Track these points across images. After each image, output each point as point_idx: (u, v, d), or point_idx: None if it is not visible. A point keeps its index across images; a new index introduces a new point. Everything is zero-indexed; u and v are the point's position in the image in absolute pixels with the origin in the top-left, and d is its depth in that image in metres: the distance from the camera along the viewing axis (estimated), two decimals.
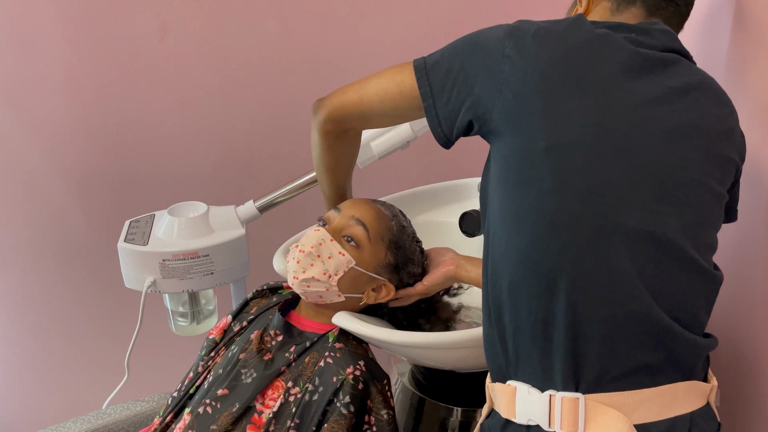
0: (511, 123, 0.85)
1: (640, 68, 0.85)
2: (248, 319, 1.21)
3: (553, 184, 0.82)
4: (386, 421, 1.06)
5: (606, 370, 0.82)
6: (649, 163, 0.83)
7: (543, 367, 0.85)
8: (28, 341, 1.95)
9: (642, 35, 0.89)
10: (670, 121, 0.84)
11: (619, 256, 0.81)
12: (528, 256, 0.84)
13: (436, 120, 0.93)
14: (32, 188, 1.77)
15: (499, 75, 0.86)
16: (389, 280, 1.14)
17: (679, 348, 0.85)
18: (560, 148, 0.82)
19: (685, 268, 0.84)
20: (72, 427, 1.35)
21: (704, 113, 0.87)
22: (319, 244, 1.08)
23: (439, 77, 0.92)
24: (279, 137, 1.82)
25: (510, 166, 0.86)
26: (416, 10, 1.75)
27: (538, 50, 0.85)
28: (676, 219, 0.83)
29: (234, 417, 1.04)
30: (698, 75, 0.90)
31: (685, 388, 0.85)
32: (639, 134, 0.83)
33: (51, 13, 1.61)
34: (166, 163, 1.80)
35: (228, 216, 1.45)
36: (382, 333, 1.07)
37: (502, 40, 0.87)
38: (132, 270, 1.40)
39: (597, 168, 0.82)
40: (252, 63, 1.74)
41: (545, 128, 0.83)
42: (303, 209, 1.70)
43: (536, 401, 0.84)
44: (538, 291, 0.83)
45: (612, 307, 0.82)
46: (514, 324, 0.86)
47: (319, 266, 1.08)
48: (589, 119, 0.82)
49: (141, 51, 1.68)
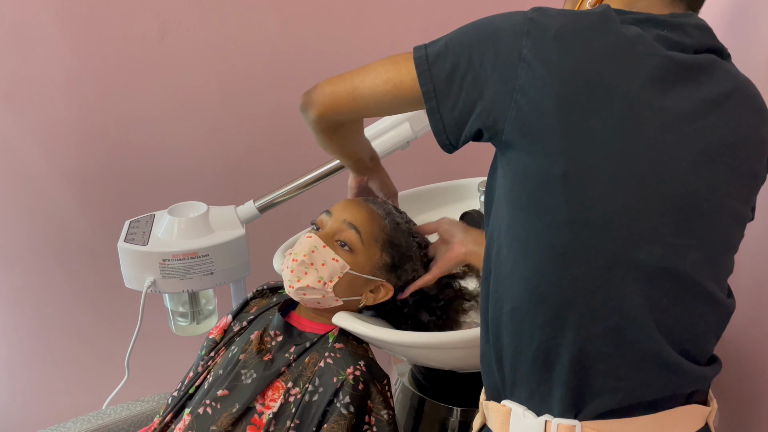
0: (525, 138, 0.76)
1: (672, 78, 0.76)
2: (248, 319, 1.20)
3: (569, 215, 0.75)
4: (386, 422, 1.06)
5: (609, 404, 0.79)
6: (674, 194, 0.76)
7: (540, 393, 0.81)
8: (28, 341, 1.95)
9: (676, 33, 0.79)
10: (700, 141, 0.77)
11: (633, 293, 0.76)
12: (535, 286, 0.78)
13: (440, 125, 0.83)
14: (32, 188, 1.77)
15: (514, 80, 0.76)
16: (387, 280, 1.13)
17: (685, 382, 0.82)
18: (579, 175, 0.74)
19: (700, 301, 0.80)
20: (72, 427, 1.35)
21: (737, 127, 0.79)
22: (312, 252, 1.07)
23: (443, 74, 0.81)
24: (279, 137, 1.82)
25: (522, 187, 0.78)
26: (416, 10, 1.75)
27: (560, 55, 0.75)
28: (697, 252, 0.78)
29: (234, 417, 1.04)
30: (734, 79, 0.81)
31: (683, 412, 0.82)
32: (666, 161, 0.75)
33: (51, 13, 1.61)
34: (166, 163, 1.80)
35: (228, 216, 1.45)
36: (382, 333, 1.07)
37: (517, 37, 0.76)
38: (132, 270, 1.40)
39: (618, 199, 0.75)
40: (252, 63, 1.74)
41: (564, 150, 0.74)
42: (303, 209, 1.69)
43: (531, 425, 0.81)
44: (543, 322, 0.79)
45: (621, 345, 0.78)
46: (513, 348, 0.82)
47: (313, 274, 1.07)
48: (614, 144, 0.74)
49: (141, 51, 1.68)
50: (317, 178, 1.41)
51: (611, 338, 0.77)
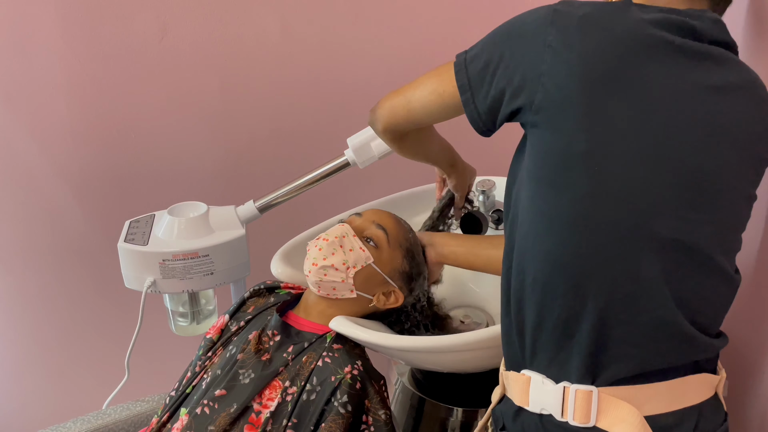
0: (550, 118, 0.82)
1: (686, 64, 0.82)
2: (246, 319, 1.21)
3: (589, 189, 0.81)
4: (384, 422, 1.06)
5: (626, 371, 0.84)
6: (686, 170, 0.81)
7: (559, 361, 0.86)
8: (28, 341, 1.95)
9: (693, 22, 0.84)
10: (711, 123, 0.82)
11: (649, 263, 0.81)
12: (557, 258, 0.83)
13: (475, 113, 0.91)
14: (32, 188, 1.77)
15: (540, 65, 0.82)
16: (400, 288, 1.17)
17: (697, 351, 0.86)
18: (599, 152, 0.80)
19: (711, 274, 0.84)
20: (72, 427, 1.35)
21: (744, 112, 0.84)
22: (343, 237, 1.13)
23: (477, 70, 0.89)
24: (279, 137, 1.82)
25: (545, 164, 0.83)
26: (416, 10, 1.75)
27: (583, 40, 0.80)
28: (708, 226, 0.82)
29: (232, 417, 1.04)
30: (743, 72, 0.87)
31: (694, 380, 0.86)
32: (679, 139, 0.81)
33: (51, 13, 1.61)
34: (166, 163, 1.80)
35: (228, 216, 1.45)
36: (380, 338, 1.09)
37: (544, 27, 0.83)
38: (132, 270, 1.40)
39: (635, 175, 0.80)
40: (252, 63, 1.74)
41: (585, 129, 0.80)
42: (303, 209, 1.70)
43: (550, 392, 0.86)
44: (565, 291, 0.83)
45: (637, 313, 0.82)
46: (534, 318, 0.87)
47: (340, 256, 1.11)
48: (631, 123, 0.80)
49: (141, 51, 1.68)
50: (317, 178, 1.41)
51: (628, 306, 0.82)
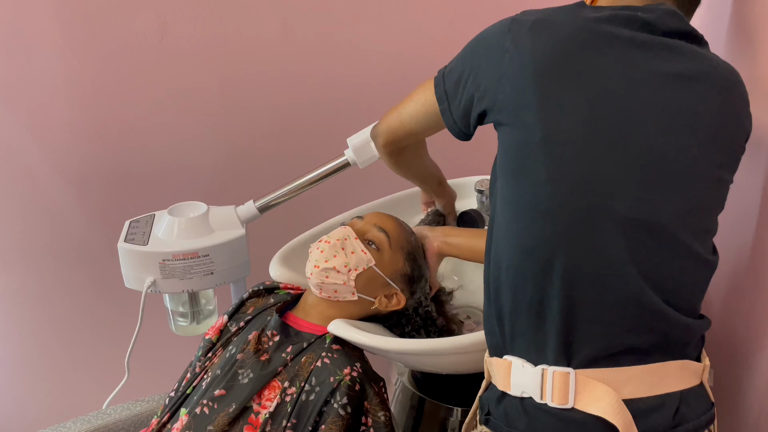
0: (510, 114, 0.89)
1: (638, 54, 0.86)
2: (245, 320, 1.21)
3: (548, 175, 0.85)
4: (383, 423, 1.06)
5: (597, 350, 0.86)
6: (641, 153, 0.85)
7: (536, 344, 0.88)
8: (28, 341, 1.95)
9: (646, 16, 0.88)
10: (666, 108, 0.86)
11: (612, 242, 0.84)
12: (525, 242, 0.88)
13: (451, 120, 1.00)
14: (32, 188, 1.77)
15: (500, 69, 0.89)
16: (402, 291, 1.17)
17: (671, 330, 0.88)
18: (554, 139, 0.85)
19: (678, 253, 0.86)
20: (72, 427, 1.35)
21: (707, 99, 0.87)
22: (345, 239, 1.14)
23: (452, 82, 0.98)
24: (279, 137, 1.82)
25: (509, 156, 0.90)
26: (416, 9, 1.75)
27: (535, 42, 0.88)
28: (669, 206, 0.85)
29: (231, 417, 1.05)
30: (706, 61, 0.90)
31: (676, 366, 0.88)
32: (632, 124, 0.85)
33: (51, 13, 1.61)
34: (166, 163, 1.80)
35: (228, 216, 1.45)
36: (378, 341, 1.09)
37: (503, 35, 0.91)
38: (132, 270, 1.40)
39: (589, 159, 0.85)
40: (252, 63, 1.74)
41: (541, 120, 0.86)
42: (303, 209, 1.70)
43: (529, 374, 0.88)
44: (534, 274, 0.87)
45: (604, 291, 0.85)
46: (511, 304, 0.90)
47: (342, 258, 1.12)
48: (583, 111, 0.85)
49: (141, 51, 1.68)
50: (317, 178, 1.41)
51: (594, 286, 0.85)
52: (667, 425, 0.86)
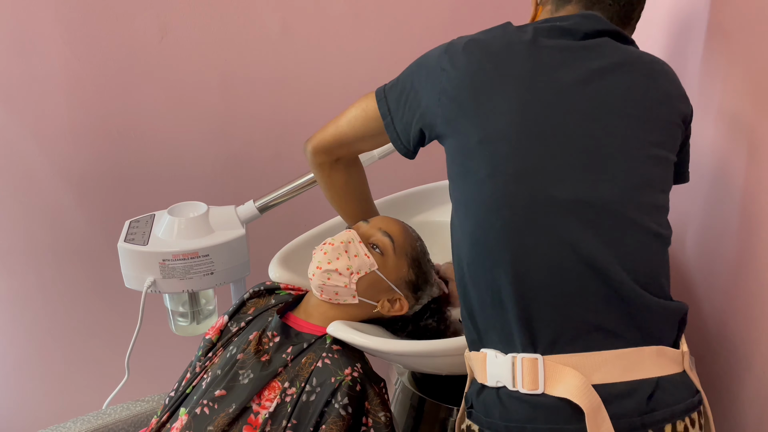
0: (451, 125, 0.96)
1: (560, 58, 0.94)
2: (246, 320, 1.21)
3: (488, 172, 0.91)
4: (384, 423, 1.06)
5: (560, 333, 0.88)
6: (573, 140, 0.90)
7: (505, 334, 0.92)
8: (28, 341, 1.96)
9: (565, 24, 0.97)
10: (594, 98, 0.92)
11: (558, 225, 0.88)
12: (476, 238, 0.93)
13: (395, 134, 1.06)
14: (32, 188, 1.77)
15: (438, 85, 0.97)
16: (406, 297, 1.17)
17: (635, 309, 0.89)
18: (490, 139, 0.92)
19: (629, 229, 0.90)
20: (72, 427, 1.35)
21: (632, 85, 0.94)
22: (348, 242, 1.15)
23: (394, 98, 1.05)
24: (279, 137, 1.82)
25: (454, 161, 0.97)
26: (416, 9, 1.75)
27: (468, 59, 0.96)
28: (609, 184, 0.90)
29: (231, 418, 1.04)
30: (627, 53, 0.96)
31: (651, 352, 0.89)
32: (562, 116, 0.91)
33: (51, 13, 1.61)
34: (166, 163, 1.80)
35: (228, 216, 1.45)
36: (376, 342, 1.09)
37: (440, 57, 0.99)
38: (132, 270, 1.40)
39: (524, 152, 0.90)
40: (252, 63, 1.74)
41: (477, 124, 0.93)
42: (303, 209, 1.70)
43: (501, 364, 0.91)
44: (488, 267, 0.91)
45: (557, 274, 0.88)
46: (476, 298, 0.94)
47: (344, 261, 1.13)
48: (513, 110, 0.92)
49: (141, 51, 1.68)
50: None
51: (547, 268, 0.89)
52: (639, 410, 0.86)
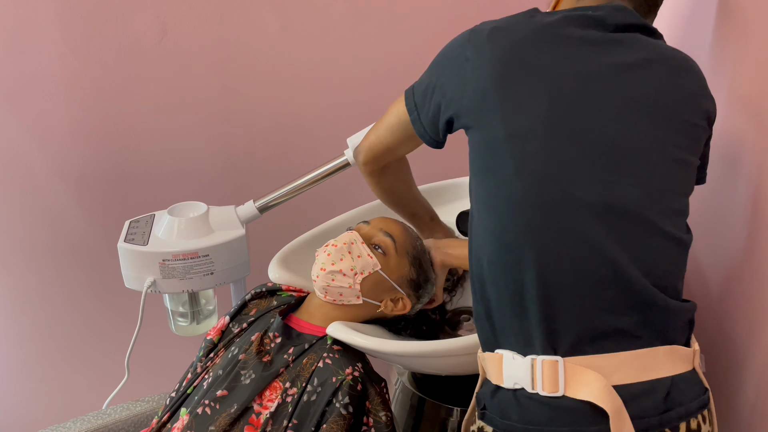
0: (475, 117, 0.94)
1: (589, 51, 0.92)
2: (248, 321, 1.21)
3: (514, 170, 0.89)
4: (384, 423, 1.06)
5: (581, 335, 0.87)
6: (600, 141, 0.89)
7: (524, 335, 0.90)
8: (27, 341, 1.95)
9: (594, 14, 0.94)
10: (621, 97, 0.90)
11: (582, 228, 0.87)
12: (499, 236, 0.91)
13: (422, 129, 1.05)
14: (32, 188, 1.77)
15: (463, 76, 0.95)
16: (408, 296, 1.18)
17: (654, 311, 0.89)
18: (517, 136, 0.90)
19: (651, 233, 0.89)
20: (72, 427, 1.35)
21: (660, 84, 0.92)
22: (351, 243, 1.15)
23: (420, 93, 1.04)
24: (279, 137, 1.82)
25: (478, 156, 0.94)
26: (417, 9, 1.75)
27: (492, 48, 0.93)
28: (634, 188, 0.88)
29: (232, 418, 1.05)
30: (656, 49, 0.94)
31: (665, 352, 0.89)
32: (589, 114, 0.89)
33: (51, 13, 1.61)
34: (166, 163, 1.80)
35: (228, 216, 1.45)
36: (376, 343, 1.09)
37: (463, 46, 0.96)
38: (132, 270, 1.40)
39: (551, 151, 0.89)
40: (252, 63, 1.74)
41: (503, 119, 0.91)
42: (303, 209, 1.70)
43: (520, 366, 0.90)
44: (510, 266, 0.90)
45: (580, 276, 0.87)
46: (495, 298, 0.93)
47: (348, 261, 1.13)
48: (542, 107, 0.89)
49: (141, 51, 1.68)
50: (317, 178, 1.41)
51: (570, 270, 0.87)
52: (657, 410, 0.87)
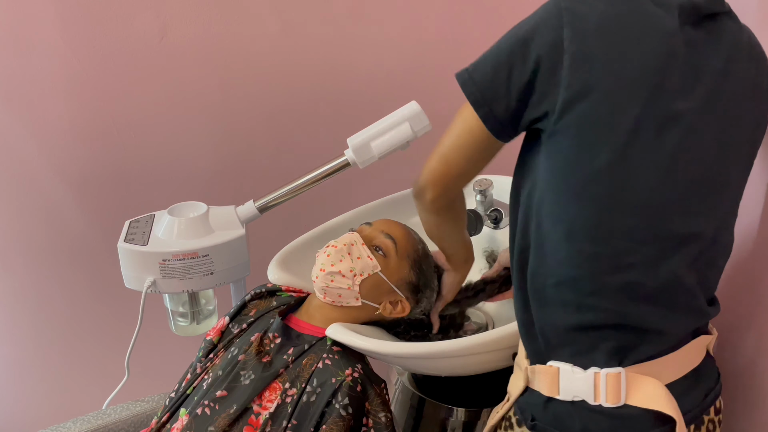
0: (572, 128, 0.82)
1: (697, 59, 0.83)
2: (248, 322, 1.21)
3: (613, 201, 0.84)
4: (384, 424, 1.06)
5: (650, 352, 0.89)
6: (697, 175, 0.86)
7: (587, 351, 0.89)
8: (28, 341, 1.95)
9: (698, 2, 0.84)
10: (719, 125, 0.86)
11: (673, 259, 0.86)
12: (580, 263, 0.86)
13: (498, 127, 0.88)
14: (32, 188, 1.77)
15: (559, 73, 0.80)
16: (407, 299, 1.17)
17: (700, 320, 0.94)
18: (621, 165, 0.82)
19: (719, 251, 0.93)
20: (72, 427, 1.35)
21: (742, 92, 0.87)
22: (351, 244, 1.15)
23: (486, 79, 0.85)
24: (279, 137, 1.82)
25: (570, 176, 0.84)
26: (417, 8, 1.74)
27: (604, 49, 0.80)
28: (715, 213, 0.89)
29: (231, 418, 1.05)
30: (734, 41, 0.87)
31: (695, 344, 0.93)
32: (691, 152, 0.85)
33: (51, 13, 1.61)
34: (166, 163, 1.80)
35: (228, 216, 1.45)
36: (375, 344, 1.09)
37: (557, 31, 0.80)
38: (132, 270, 1.40)
39: (651, 184, 0.83)
40: (252, 63, 1.74)
41: (607, 143, 0.81)
42: (303, 209, 1.70)
43: (581, 379, 0.89)
44: (591, 292, 0.87)
45: (667, 305, 0.87)
46: (560, 317, 0.90)
47: (348, 263, 1.13)
48: (650, 138, 0.81)
49: (141, 51, 1.68)
50: (317, 178, 1.41)
51: (657, 301, 0.87)
52: (698, 400, 0.92)
